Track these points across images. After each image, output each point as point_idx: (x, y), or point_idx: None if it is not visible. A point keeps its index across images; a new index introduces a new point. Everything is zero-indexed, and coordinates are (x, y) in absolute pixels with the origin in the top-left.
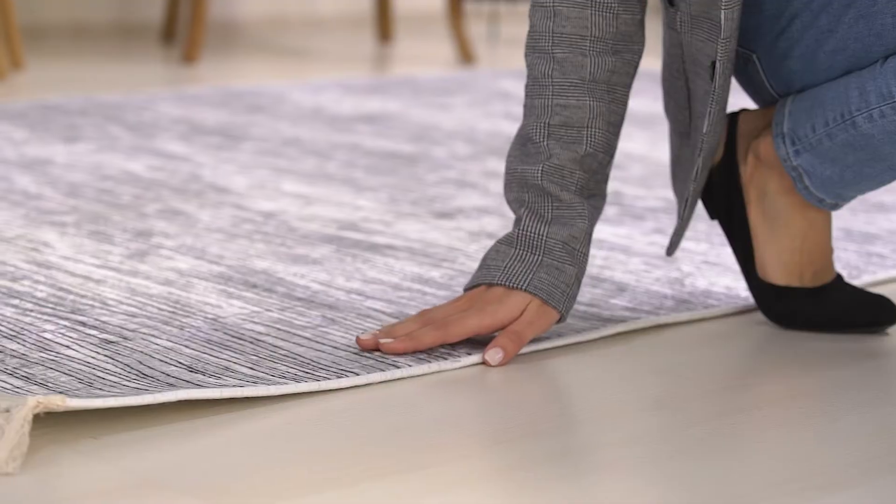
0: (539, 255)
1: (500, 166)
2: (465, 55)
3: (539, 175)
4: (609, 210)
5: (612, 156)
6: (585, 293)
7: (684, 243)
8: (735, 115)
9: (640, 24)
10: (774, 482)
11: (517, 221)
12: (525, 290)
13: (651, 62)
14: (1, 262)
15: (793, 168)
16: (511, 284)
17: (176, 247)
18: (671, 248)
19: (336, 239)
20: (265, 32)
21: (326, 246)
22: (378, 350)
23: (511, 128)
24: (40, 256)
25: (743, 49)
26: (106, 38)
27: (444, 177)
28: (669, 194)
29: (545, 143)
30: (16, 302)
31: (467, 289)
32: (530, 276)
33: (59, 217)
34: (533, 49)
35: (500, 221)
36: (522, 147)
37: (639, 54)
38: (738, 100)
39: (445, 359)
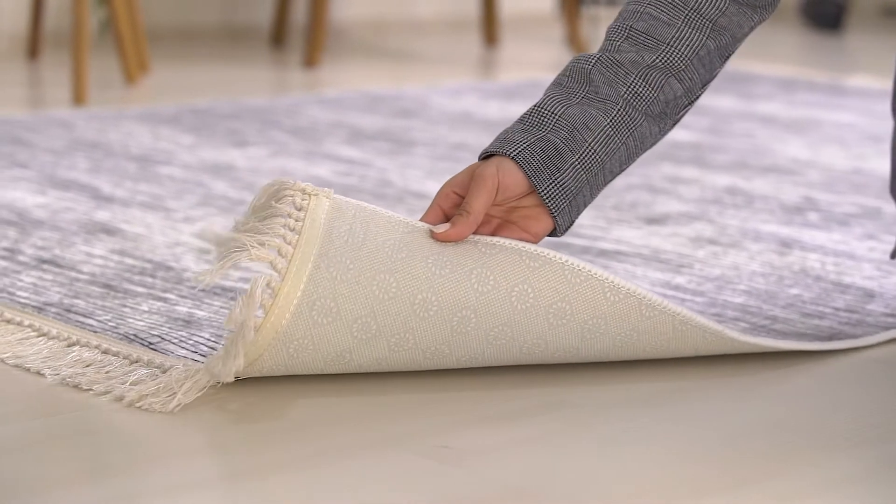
0: (544, 131)
1: (671, 170)
2: None
3: (593, 61)
4: (811, 216)
5: (689, 91)
6: (838, 299)
7: None
8: None
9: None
10: None
11: (540, 99)
12: (511, 157)
13: (783, 68)
14: (255, 269)
15: None
16: (502, 151)
17: None
18: None
19: (562, 245)
20: (368, 36)
21: (559, 251)
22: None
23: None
24: None
25: None
26: (214, 42)
27: (630, 182)
28: (862, 199)
29: (618, 41)
30: None
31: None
32: (523, 146)
33: None
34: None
35: (713, 228)
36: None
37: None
38: None
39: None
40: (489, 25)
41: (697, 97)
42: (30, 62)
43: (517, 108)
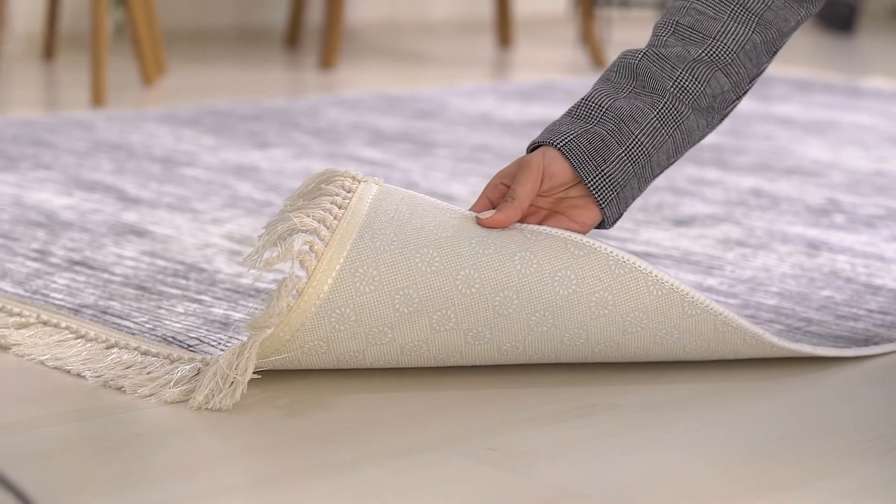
0: (591, 123)
1: (695, 172)
2: (597, 60)
3: (639, 56)
4: (837, 217)
5: (737, 85)
6: (870, 301)
7: None
8: None
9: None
10: None
11: (588, 93)
12: (558, 147)
13: (801, 70)
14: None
15: None
16: (549, 141)
17: None
18: None
19: None
20: (381, 37)
21: None
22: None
23: None
24: None
25: None
26: (229, 43)
27: (654, 184)
28: (886, 201)
29: (664, 36)
30: None
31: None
32: (570, 137)
33: None
34: None
35: (740, 229)
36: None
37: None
38: None
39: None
40: (503, 26)
41: (745, 92)
42: (45, 63)
43: (536, 110)
